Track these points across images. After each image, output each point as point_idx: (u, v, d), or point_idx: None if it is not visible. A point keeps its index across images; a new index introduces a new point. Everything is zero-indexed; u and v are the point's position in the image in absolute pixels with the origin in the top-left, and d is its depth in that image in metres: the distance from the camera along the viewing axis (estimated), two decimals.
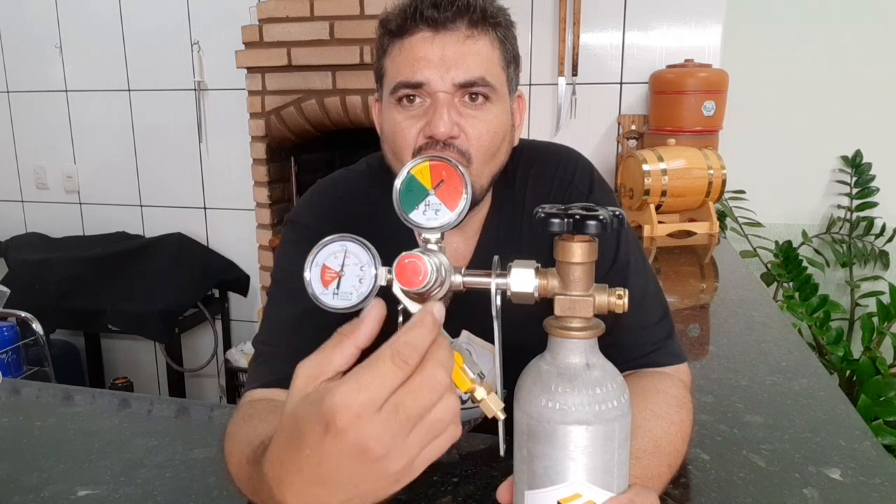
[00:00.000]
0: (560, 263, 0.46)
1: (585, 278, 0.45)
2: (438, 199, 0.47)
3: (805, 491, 0.70)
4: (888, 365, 1.78)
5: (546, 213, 0.44)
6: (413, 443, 0.39)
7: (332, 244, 0.46)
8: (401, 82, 0.77)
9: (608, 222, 0.42)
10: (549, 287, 0.46)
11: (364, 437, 0.38)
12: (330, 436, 0.38)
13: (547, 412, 0.43)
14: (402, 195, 0.47)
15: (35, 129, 2.97)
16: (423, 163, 0.47)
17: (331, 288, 0.46)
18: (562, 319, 0.45)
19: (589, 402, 0.43)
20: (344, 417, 0.38)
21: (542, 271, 0.46)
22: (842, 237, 2.46)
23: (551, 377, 0.44)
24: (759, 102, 2.45)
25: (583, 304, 0.45)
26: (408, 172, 0.48)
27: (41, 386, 1.06)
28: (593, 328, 0.45)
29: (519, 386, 0.46)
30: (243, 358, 2.57)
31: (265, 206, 2.45)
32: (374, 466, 0.39)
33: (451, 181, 0.47)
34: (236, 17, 2.42)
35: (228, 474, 0.62)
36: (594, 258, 0.45)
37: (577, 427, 0.43)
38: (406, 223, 0.47)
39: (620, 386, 0.45)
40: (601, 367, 0.45)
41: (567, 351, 0.45)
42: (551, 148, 0.93)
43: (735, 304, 1.41)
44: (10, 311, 2.23)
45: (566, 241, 0.45)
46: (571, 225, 0.43)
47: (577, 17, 2.33)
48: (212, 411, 0.95)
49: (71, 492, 0.72)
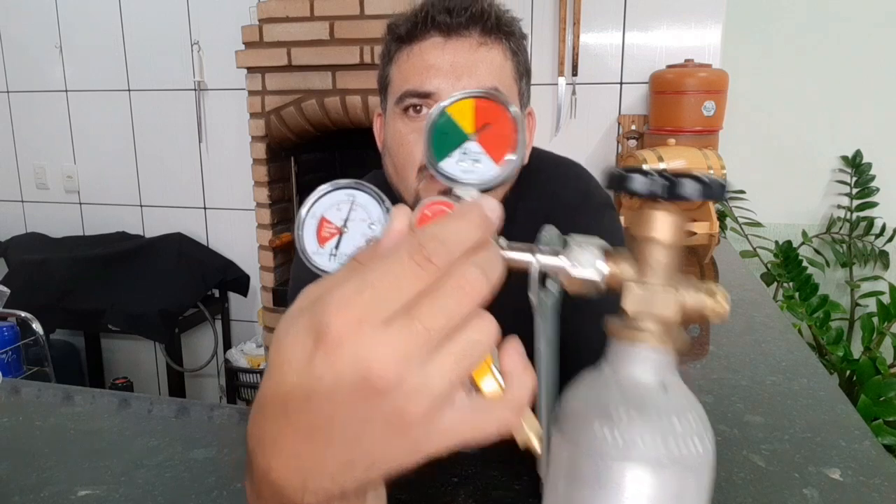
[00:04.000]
0: (638, 242, 0.34)
1: (671, 265, 0.34)
2: (480, 146, 0.36)
3: (805, 491, 0.70)
4: (888, 365, 1.78)
5: (627, 168, 0.33)
6: (436, 372, 0.28)
7: (336, 192, 0.37)
8: (408, 91, 0.73)
9: (714, 187, 0.32)
10: (620, 273, 0.34)
11: (366, 355, 0.27)
12: (321, 352, 0.27)
13: (602, 444, 0.32)
14: (433, 139, 0.36)
15: (35, 129, 2.97)
16: (464, 99, 0.36)
17: (328, 247, 0.36)
18: (634, 318, 0.34)
19: (663, 438, 0.32)
20: (340, 323, 0.27)
21: (612, 253, 0.35)
22: (842, 237, 2.46)
23: (612, 398, 0.33)
24: (759, 102, 2.45)
25: (665, 297, 0.33)
26: (442, 110, 0.36)
27: (41, 386, 1.06)
28: (676, 337, 0.34)
29: (563, 405, 0.35)
30: (243, 358, 2.57)
31: (265, 206, 2.45)
32: (382, 404, 0.27)
33: (500, 125, 0.36)
34: (236, 17, 2.42)
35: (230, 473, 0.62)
36: (680, 240, 0.34)
37: (642, 469, 0.31)
38: (436, 175, 0.37)
39: (704, 423, 0.33)
40: (681, 392, 0.34)
41: (637, 364, 0.33)
42: (549, 160, 0.89)
43: (735, 304, 1.41)
44: (10, 311, 2.23)
45: (651, 209, 0.34)
46: (663, 186, 0.32)
47: (577, 17, 2.33)
48: (212, 411, 0.95)
49: (71, 492, 0.72)
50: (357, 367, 0.27)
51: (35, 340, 2.27)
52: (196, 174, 2.81)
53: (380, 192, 0.36)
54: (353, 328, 0.27)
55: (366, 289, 0.27)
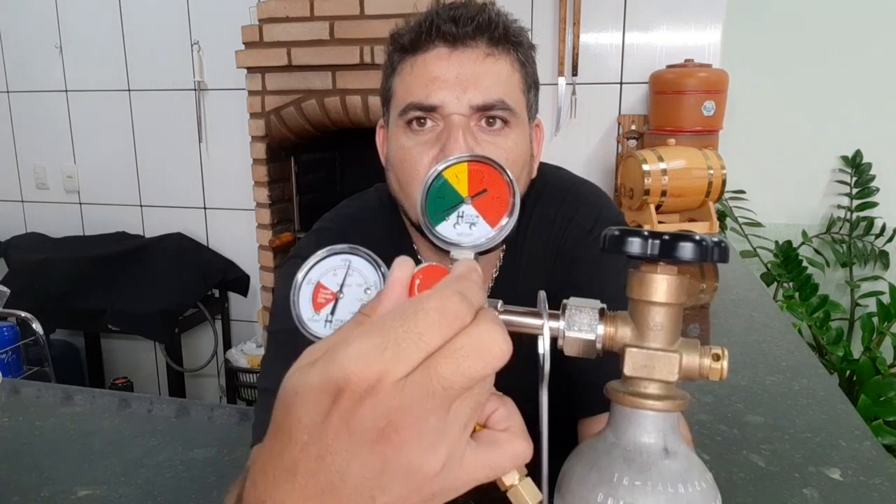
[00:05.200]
0: (636, 304, 0.34)
1: (671, 327, 0.33)
2: (476, 210, 0.37)
3: (805, 491, 0.70)
4: (888, 365, 1.78)
5: (621, 231, 0.33)
6: (453, 423, 0.28)
7: (332, 257, 0.36)
8: (412, 103, 0.70)
9: (709, 248, 0.31)
10: (618, 336, 0.34)
11: (385, 410, 0.27)
12: (338, 409, 0.27)
13: None
14: (428, 202, 0.37)
15: (35, 129, 2.97)
16: (459, 163, 0.37)
17: (323, 313, 0.36)
18: (633, 382, 0.33)
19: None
20: (360, 380, 0.26)
21: (611, 315, 0.35)
22: (842, 237, 2.46)
23: (614, 463, 0.33)
24: (759, 102, 2.45)
25: (665, 362, 0.33)
26: (439, 174, 0.37)
27: (41, 386, 1.06)
28: (678, 399, 0.33)
29: (566, 472, 0.35)
30: (243, 358, 2.57)
31: (265, 206, 2.45)
32: (401, 458, 0.27)
33: (495, 189, 0.37)
34: (236, 17, 2.42)
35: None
36: (682, 299, 0.34)
37: None
38: (432, 239, 0.37)
39: (711, 488, 0.33)
40: (685, 455, 0.33)
41: (639, 428, 0.33)
42: (561, 183, 0.84)
43: (735, 304, 1.41)
44: (10, 311, 2.23)
45: (647, 273, 0.33)
46: (657, 247, 0.32)
47: (577, 17, 2.33)
48: (212, 411, 0.95)
49: (71, 492, 0.72)
50: (376, 423, 0.27)
51: (35, 340, 2.27)
52: (196, 174, 2.81)
53: (375, 257, 0.36)
54: (373, 386, 0.26)
55: (388, 346, 0.27)
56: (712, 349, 0.33)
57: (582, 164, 2.44)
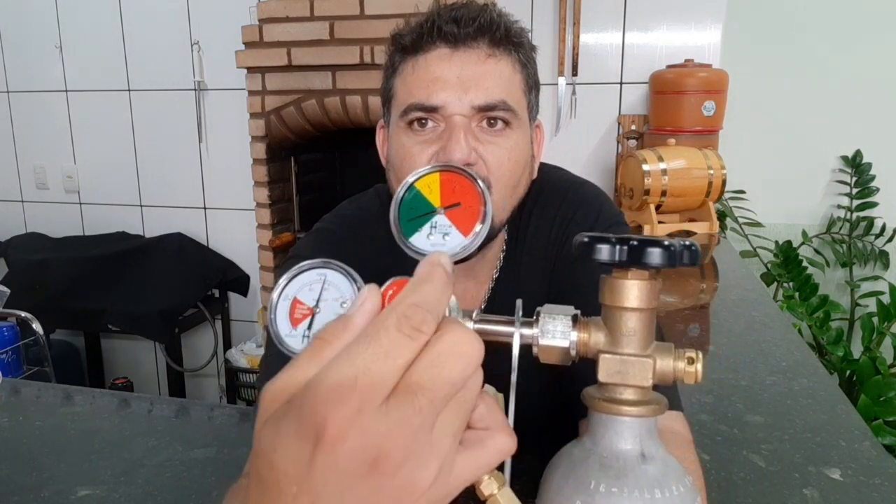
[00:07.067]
0: (608, 310, 0.34)
1: (644, 332, 0.33)
2: (449, 220, 0.37)
3: (805, 491, 0.70)
4: (888, 365, 1.78)
5: (591, 238, 0.33)
6: (442, 435, 0.28)
7: (307, 272, 0.36)
8: (413, 104, 0.70)
9: (677, 252, 0.31)
10: (591, 342, 0.34)
11: (372, 441, 0.26)
12: (322, 452, 0.26)
13: None
14: (401, 213, 0.37)
15: (35, 129, 2.97)
16: (431, 174, 0.37)
17: (300, 329, 0.35)
18: (608, 388, 0.34)
19: None
20: (340, 418, 0.25)
21: (584, 321, 0.35)
22: (842, 237, 2.46)
23: (591, 470, 0.33)
24: (759, 102, 2.45)
25: (639, 367, 0.33)
26: (410, 185, 0.37)
27: (41, 386, 1.06)
28: (653, 404, 0.33)
29: (545, 479, 0.35)
30: (243, 358, 2.57)
31: (265, 206, 2.45)
32: (395, 481, 0.27)
33: (467, 199, 0.37)
34: (236, 17, 2.42)
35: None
36: (654, 304, 0.34)
37: None
38: (406, 250, 0.37)
39: (689, 491, 0.33)
40: (662, 460, 0.33)
41: (614, 434, 0.33)
42: (560, 183, 0.85)
43: (735, 304, 1.41)
44: (10, 311, 2.23)
45: (618, 279, 0.33)
46: (626, 253, 0.32)
47: (577, 17, 2.33)
48: (212, 411, 0.95)
49: (71, 492, 0.72)
50: (366, 455, 0.26)
51: (35, 340, 2.27)
52: (196, 174, 2.81)
53: (350, 270, 0.36)
54: (353, 419, 0.26)
55: (359, 375, 0.26)
56: (686, 353, 0.33)
57: (582, 164, 2.44)
